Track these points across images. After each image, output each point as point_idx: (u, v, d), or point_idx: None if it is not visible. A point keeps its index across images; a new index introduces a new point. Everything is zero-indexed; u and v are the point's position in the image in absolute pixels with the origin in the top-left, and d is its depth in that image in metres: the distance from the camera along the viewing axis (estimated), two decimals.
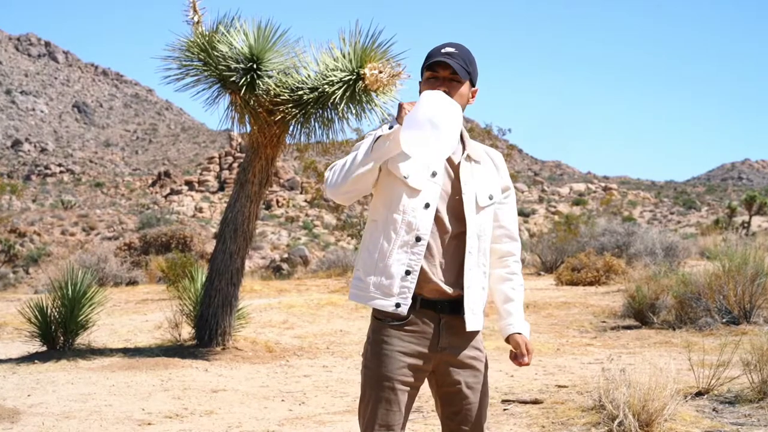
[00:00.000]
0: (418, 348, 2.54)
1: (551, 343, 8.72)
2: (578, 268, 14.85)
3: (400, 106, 2.46)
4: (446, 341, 2.55)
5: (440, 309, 2.55)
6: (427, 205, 2.53)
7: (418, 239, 2.52)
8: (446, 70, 2.55)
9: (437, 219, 2.56)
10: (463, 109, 2.59)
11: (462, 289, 2.55)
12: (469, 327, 2.54)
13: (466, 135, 2.67)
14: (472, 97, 2.65)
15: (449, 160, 2.62)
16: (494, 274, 2.69)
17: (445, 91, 2.51)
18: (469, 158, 2.63)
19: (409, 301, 2.52)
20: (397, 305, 2.51)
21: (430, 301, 2.54)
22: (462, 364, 2.58)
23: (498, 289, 2.69)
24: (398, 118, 2.44)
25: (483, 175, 2.64)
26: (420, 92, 2.63)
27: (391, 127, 2.46)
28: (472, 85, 2.63)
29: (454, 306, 2.55)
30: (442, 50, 2.58)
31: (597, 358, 7.48)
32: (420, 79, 2.69)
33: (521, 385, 6.30)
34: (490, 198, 2.62)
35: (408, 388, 2.55)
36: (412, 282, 2.51)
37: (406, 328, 2.54)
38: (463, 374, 2.58)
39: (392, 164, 2.57)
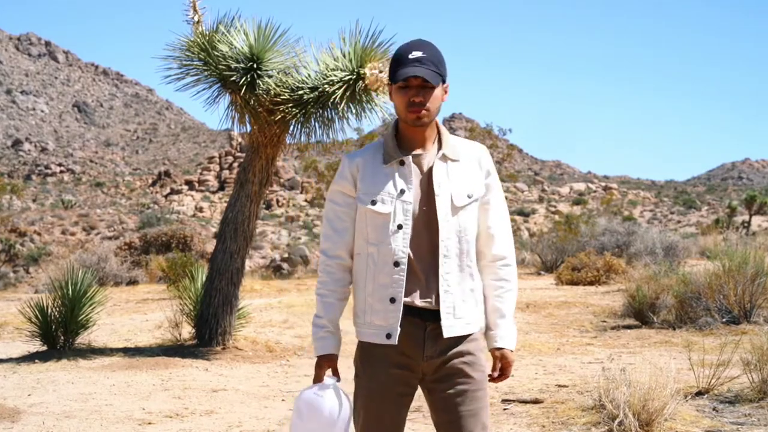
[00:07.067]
0: (405, 357, 2.48)
1: (551, 342, 8.72)
2: (578, 267, 14.87)
3: (316, 368, 2.52)
4: (432, 350, 2.47)
5: (426, 317, 2.47)
6: (399, 227, 2.46)
7: (396, 264, 2.45)
8: (417, 79, 2.44)
9: (413, 236, 2.47)
10: (437, 112, 2.52)
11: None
12: (447, 333, 2.45)
13: (445, 133, 2.56)
14: (445, 93, 2.54)
15: (419, 165, 2.52)
16: (483, 282, 2.56)
17: (418, 103, 2.44)
18: (444, 158, 2.52)
19: (398, 329, 2.45)
20: (388, 336, 2.46)
21: (415, 309, 2.47)
22: (452, 372, 2.48)
23: (486, 296, 2.56)
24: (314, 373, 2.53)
25: (461, 174, 2.52)
26: (390, 96, 2.55)
27: (319, 358, 2.53)
28: (443, 82, 2.51)
29: (440, 314, 2.46)
30: (410, 56, 2.45)
31: (597, 358, 7.48)
32: (388, 80, 2.55)
33: (521, 384, 6.30)
34: (469, 197, 2.50)
35: (399, 397, 2.51)
36: (398, 309, 2.45)
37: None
38: (453, 381, 2.48)
39: (359, 201, 2.53)
